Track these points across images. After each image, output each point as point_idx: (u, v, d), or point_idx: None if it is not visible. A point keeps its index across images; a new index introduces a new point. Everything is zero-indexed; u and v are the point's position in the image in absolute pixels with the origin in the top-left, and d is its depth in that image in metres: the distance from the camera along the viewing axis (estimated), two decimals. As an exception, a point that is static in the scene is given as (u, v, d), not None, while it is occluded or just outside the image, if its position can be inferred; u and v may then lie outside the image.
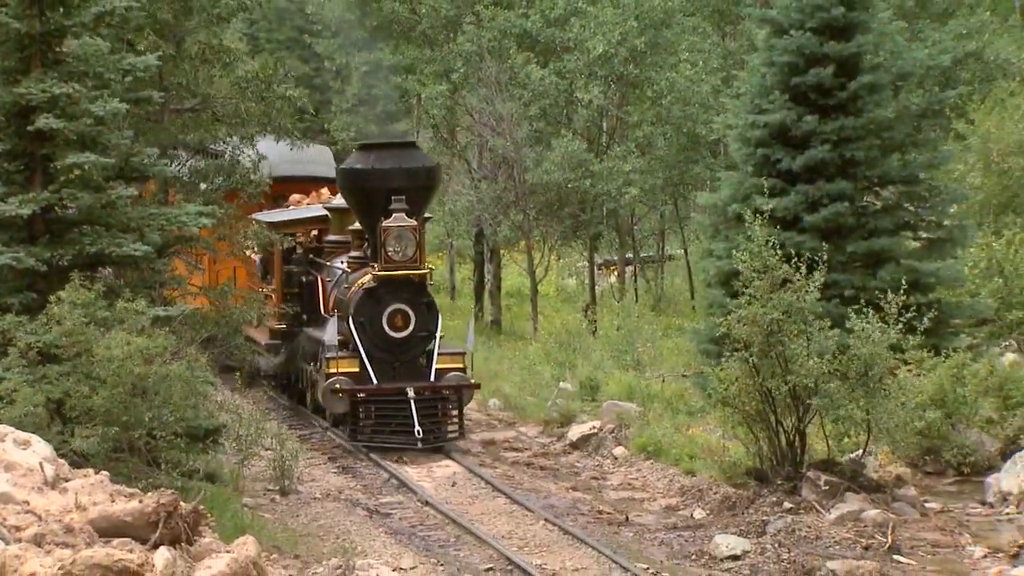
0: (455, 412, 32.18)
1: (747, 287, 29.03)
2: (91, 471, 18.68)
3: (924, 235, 37.87)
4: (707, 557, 26.09)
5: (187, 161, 33.16)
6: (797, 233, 33.89)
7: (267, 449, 31.60)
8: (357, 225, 33.47)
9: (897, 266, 33.61)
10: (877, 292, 29.48)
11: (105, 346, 23.78)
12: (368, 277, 31.59)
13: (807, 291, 28.61)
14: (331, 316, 33.45)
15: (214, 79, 33.01)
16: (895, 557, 26.21)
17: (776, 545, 26.32)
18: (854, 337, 28.51)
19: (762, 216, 30.23)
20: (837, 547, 26.33)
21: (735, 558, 25.96)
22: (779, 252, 28.92)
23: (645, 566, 25.35)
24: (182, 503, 16.08)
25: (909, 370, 30.85)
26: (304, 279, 35.23)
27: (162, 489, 16.88)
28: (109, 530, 15.39)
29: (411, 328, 31.51)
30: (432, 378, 31.72)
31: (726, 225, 35.66)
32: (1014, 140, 46.23)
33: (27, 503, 15.99)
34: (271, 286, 35.88)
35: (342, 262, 33.93)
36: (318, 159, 42.59)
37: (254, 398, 37.47)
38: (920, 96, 40.64)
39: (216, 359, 35.08)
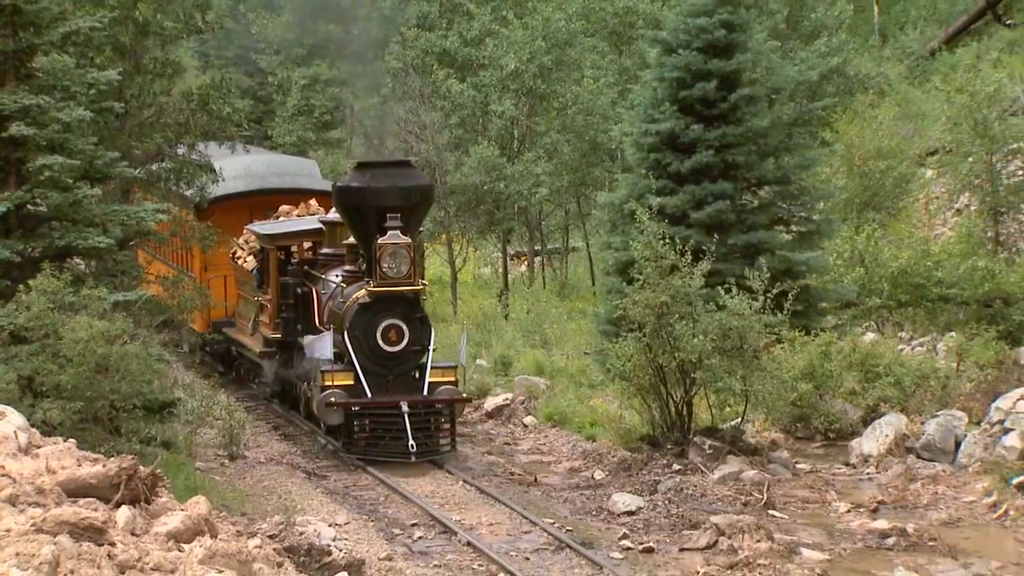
0: (447, 425, 29.55)
1: (641, 274, 29.14)
2: (60, 439, 18.54)
3: (795, 229, 38.02)
4: (606, 513, 26.14)
5: (145, 164, 32.85)
6: (685, 228, 33.93)
7: (217, 419, 31.50)
8: (351, 239, 31.07)
9: (772, 256, 33.70)
10: (745, 279, 29.61)
11: (70, 329, 23.80)
12: (363, 292, 29.41)
13: (692, 278, 28.74)
14: (325, 327, 30.75)
15: (168, 92, 32.79)
16: (770, 512, 26.32)
17: (666, 502, 26.41)
18: (727, 312, 28.70)
19: (653, 212, 30.36)
20: (719, 503, 26.45)
21: (630, 513, 26.03)
22: (669, 243, 29.05)
23: (551, 521, 25.38)
24: (141, 467, 15.97)
25: (782, 347, 31.02)
26: (299, 290, 32.67)
27: (123, 455, 16.75)
28: (76, 491, 15.28)
29: (405, 343, 29.19)
30: (425, 392, 29.19)
31: (622, 221, 35.65)
32: (872, 146, 46.47)
33: (3, 467, 15.85)
34: (267, 296, 33.33)
35: (336, 275, 31.50)
36: (305, 171, 40.54)
37: (206, 375, 37.34)
38: (791, 107, 40.80)
39: (187, 344, 35.05)
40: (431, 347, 29.39)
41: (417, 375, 29.48)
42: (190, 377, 35.52)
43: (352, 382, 28.85)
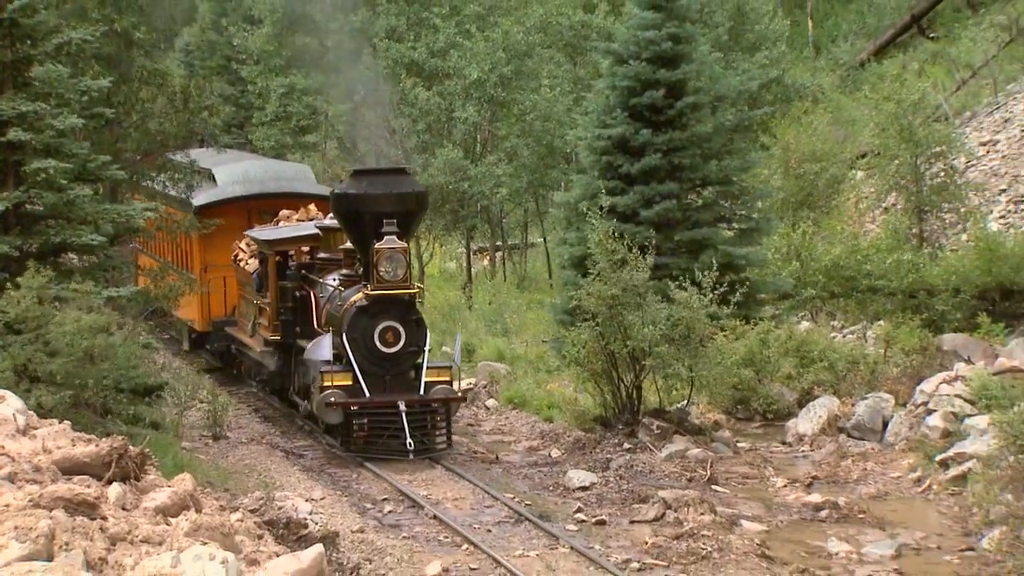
0: (443, 424, 28.25)
1: (594, 268, 29.18)
2: (55, 421, 18.47)
3: (736, 226, 38.16)
4: (562, 488, 26.17)
5: (134, 166, 32.63)
6: (635, 225, 34.01)
7: (202, 402, 31.46)
8: (348, 244, 29.97)
9: (715, 251, 33.79)
10: (698, 271, 29.64)
11: (58, 322, 23.77)
12: (361, 295, 28.15)
13: (642, 271, 28.79)
14: (323, 330, 29.67)
15: (155, 99, 32.62)
16: (713, 487, 26.39)
17: (618, 478, 26.46)
18: (676, 304, 28.76)
19: (605, 211, 30.42)
20: (667, 479, 26.50)
21: (584, 488, 26.06)
22: (620, 239, 29.09)
23: (512, 496, 25.39)
24: (131, 447, 15.90)
25: (725, 336, 31.11)
26: (297, 294, 31.15)
27: (114, 436, 16.67)
28: (71, 469, 15.22)
29: (401, 344, 27.87)
30: (421, 391, 27.89)
31: (577, 218, 35.67)
32: (807, 150, 46.63)
33: (2, 447, 15.78)
34: (266, 299, 32.01)
35: (334, 279, 30.29)
36: (301, 176, 39.03)
37: (192, 361, 37.26)
38: (733, 114, 40.89)
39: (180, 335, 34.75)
40: (427, 348, 28.42)
41: (413, 375, 28.31)
42: (177, 363, 35.44)
43: (351, 382, 27.66)
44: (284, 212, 34.85)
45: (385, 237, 27.51)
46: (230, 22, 66.53)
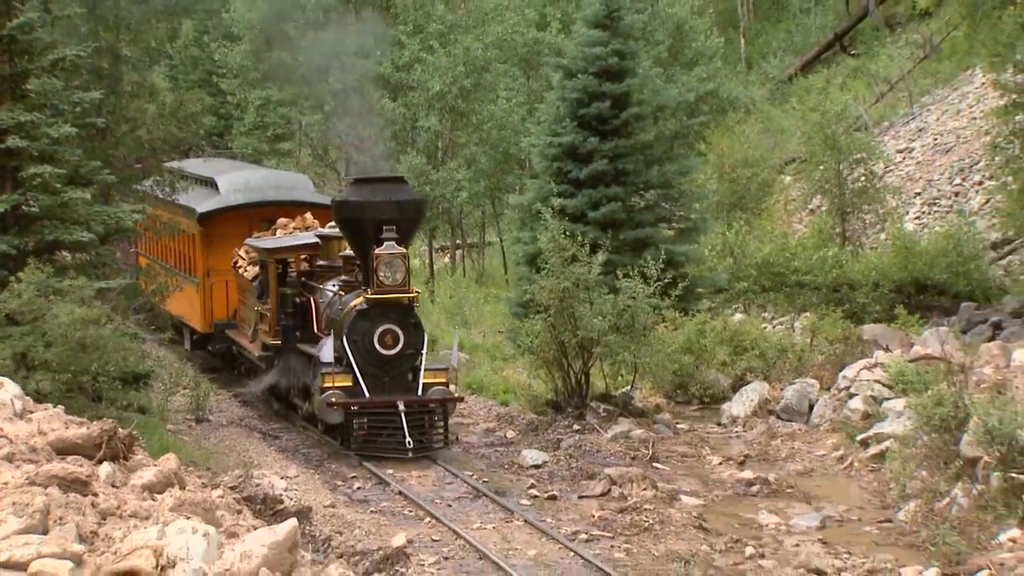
0: (440, 423, 26.69)
1: (546, 264, 29.19)
2: (50, 406, 18.40)
3: (676, 226, 38.25)
4: (517, 466, 26.15)
5: (124, 171, 32.33)
6: (583, 225, 34.05)
7: (186, 388, 31.32)
8: (347, 251, 28.54)
9: (656, 249, 33.78)
10: (642, 267, 29.70)
11: (53, 315, 23.67)
12: (360, 300, 26.64)
13: (591, 267, 28.81)
14: (323, 334, 28.26)
15: (143, 110, 32.37)
16: (654, 465, 26.41)
17: (567, 457, 26.45)
18: (622, 294, 28.82)
19: (556, 212, 30.44)
20: (612, 457, 26.52)
21: (537, 466, 26.04)
22: (570, 238, 29.12)
23: (470, 473, 25.37)
24: (120, 429, 15.85)
25: (666, 326, 31.18)
26: (298, 300, 29.67)
27: (104, 419, 16.64)
28: (64, 450, 15.16)
29: (400, 346, 26.31)
30: (420, 392, 26.40)
31: (530, 219, 35.71)
32: (740, 156, 46.85)
33: (1, 430, 15.70)
34: (267, 305, 30.49)
35: (334, 285, 28.78)
36: (299, 185, 37.10)
37: (177, 351, 37.07)
38: (672, 123, 41.05)
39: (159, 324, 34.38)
40: (424, 350, 26.89)
41: (411, 376, 26.74)
42: (162, 352, 35.24)
43: (351, 383, 26.26)
44: (281, 220, 33.70)
45: (385, 243, 26.33)
46: (211, 39, 66.27)
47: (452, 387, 27.81)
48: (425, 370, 26.50)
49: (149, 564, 11.62)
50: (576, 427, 28.50)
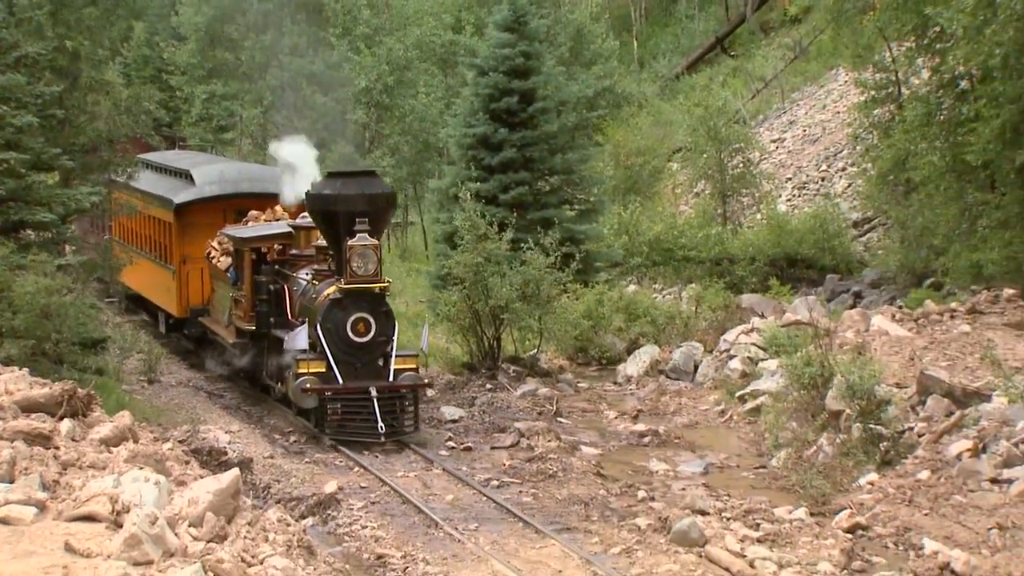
0: (411, 408, 24.75)
1: (462, 241, 29.18)
2: (16, 369, 18.19)
3: (577, 207, 38.29)
4: (437, 421, 26.12)
5: (83, 158, 31.78)
6: (495, 206, 34.00)
7: (139, 352, 31.01)
8: (320, 241, 26.74)
9: (560, 227, 33.90)
10: (540, 242, 29.73)
11: (20, 285, 23.35)
12: (334, 289, 24.94)
13: (500, 244, 28.83)
14: (297, 321, 26.42)
15: (99, 103, 31.87)
16: (558, 419, 26.50)
17: (481, 412, 26.48)
18: (526, 263, 28.88)
19: (471, 195, 30.41)
20: (521, 413, 26.57)
21: (454, 421, 26.04)
22: (483, 218, 29.12)
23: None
24: (79, 389, 15.70)
25: (568, 296, 31.26)
26: (271, 287, 27.81)
27: (65, 380, 16.49)
28: (29, 408, 15.00)
29: (372, 334, 24.51)
30: (391, 378, 24.56)
31: (448, 201, 35.67)
32: (633, 146, 46.95)
33: (-29, 391, 15.53)
34: (242, 292, 28.67)
35: (307, 273, 26.87)
36: (270, 178, 33.65)
37: (131, 320, 36.68)
38: (574, 116, 41.10)
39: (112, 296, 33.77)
40: (395, 337, 25.14)
41: (382, 363, 24.92)
42: (118, 320, 34.86)
43: (324, 369, 24.48)
44: (253, 212, 31.81)
45: (357, 235, 24.63)
46: (161, 39, 65.60)
47: (421, 371, 26.42)
48: (396, 356, 24.81)
49: (106, 510, 11.53)
50: (489, 386, 28.53)
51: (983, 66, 29.50)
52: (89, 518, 11.43)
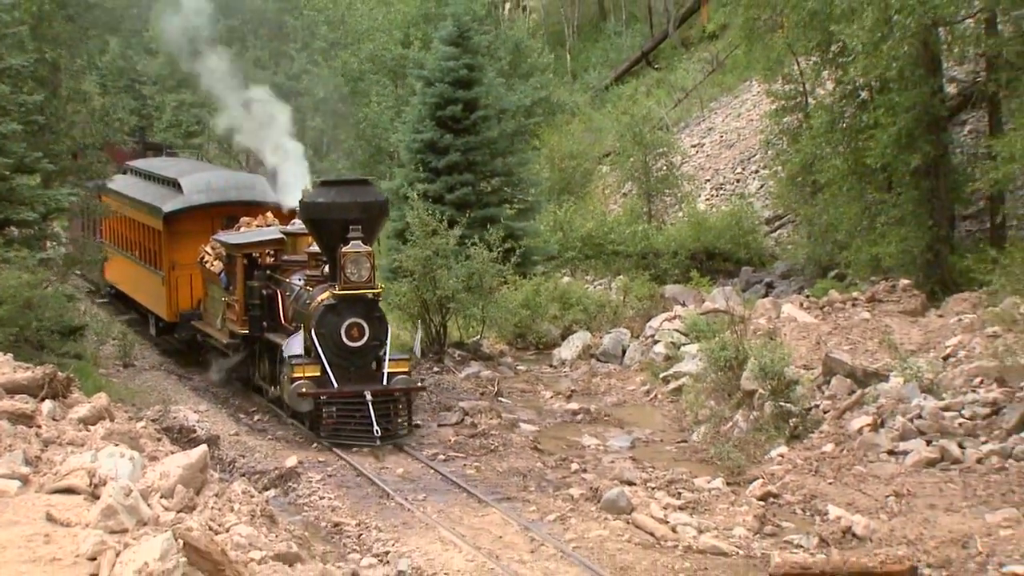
0: (404, 411, 23.28)
1: (412, 236, 29.14)
2: (0, 354, 17.98)
3: (516, 206, 38.30)
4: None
5: (61, 162, 31.31)
6: (442, 205, 33.94)
7: (114, 338, 30.76)
8: (313, 248, 25.30)
9: (501, 224, 33.95)
10: (484, 239, 29.75)
11: (4, 279, 23.11)
12: (328, 294, 23.38)
13: (448, 239, 28.80)
14: (289, 326, 25.02)
15: (78, 111, 31.50)
16: (499, 399, 26.53)
17: (429, 393, 26.42)
18: (471, 258, 28.89)
19: (420, 195, 30.37)
20: (465, 393, 26.57)
21: (405, 401, 25.95)
22: (431, 215, 29.09)
23: (350, 406, 25.20)
24: (59, 373, 15.56)
25: (508, 287, 31.29)
26: (264, 292, 26.36)
27: (46, 364, 16.32)
28: (13, 390, 14.84)
29: (365, 338, 23.05)
30: (384, 381, 23.06)
31: (399, 201, 35.59)
32: (567, 151, 47.01)
33: (-42, 375, 15.33)
34: (235, 297, 27.14)
35: (299, 279, 25.31)
36: (259, 186, 32.21)
37: (107, 308, 36.36)
38: (513, 123, 41.05)
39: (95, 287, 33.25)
40: (388, 341, 23.68)
41: (376, 366, 23.48)
42: (95, 310, 34.53)
43: (319, 373, 23.07)
44: (244, 219, 30.21)
45: (351, 242, 23.15)
46: (134, 52, 65.12)
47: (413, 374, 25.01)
48: (389, 360, 23.29)
49: (84, 483, 11.43)
50: (436, 369, 28.51)
51: (881, 78, 29.84)
52: (69, 491, 11.33)
